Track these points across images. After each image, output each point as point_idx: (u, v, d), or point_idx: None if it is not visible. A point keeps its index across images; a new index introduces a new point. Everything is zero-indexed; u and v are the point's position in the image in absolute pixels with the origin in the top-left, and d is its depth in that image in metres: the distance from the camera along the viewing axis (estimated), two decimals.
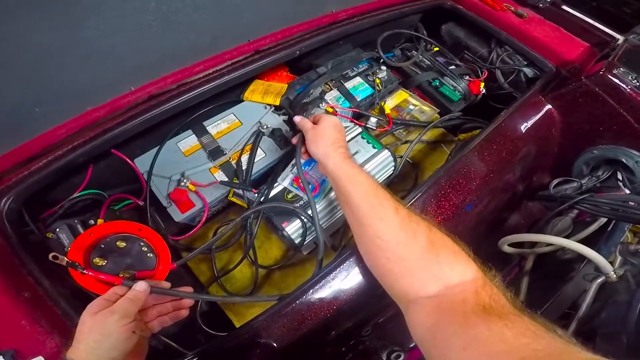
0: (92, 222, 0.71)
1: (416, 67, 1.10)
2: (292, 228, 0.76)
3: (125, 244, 0.63)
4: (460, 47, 1.22)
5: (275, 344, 0.60)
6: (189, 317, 0.77)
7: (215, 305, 0.84)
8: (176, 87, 0.72)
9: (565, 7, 1.25)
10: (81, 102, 0.66)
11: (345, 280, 0.63)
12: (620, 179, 0.89)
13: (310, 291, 0.61)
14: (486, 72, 1.11)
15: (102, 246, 0.63)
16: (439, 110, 1.06)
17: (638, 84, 0.87)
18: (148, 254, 0.64)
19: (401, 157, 0.91)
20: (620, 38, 1.09)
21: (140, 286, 0.53)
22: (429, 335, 0.42)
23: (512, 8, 1.15)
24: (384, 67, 1.01)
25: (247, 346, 0.60)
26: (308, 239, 0.78)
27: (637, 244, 0.82)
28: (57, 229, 0.68)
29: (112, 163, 0.76)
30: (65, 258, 0.56)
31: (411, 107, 1.03)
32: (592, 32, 1.12)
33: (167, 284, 0.59)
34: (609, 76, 0.86)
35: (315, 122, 0.67)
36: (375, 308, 0.70)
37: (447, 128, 1.10)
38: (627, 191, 0.87)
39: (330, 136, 0.63)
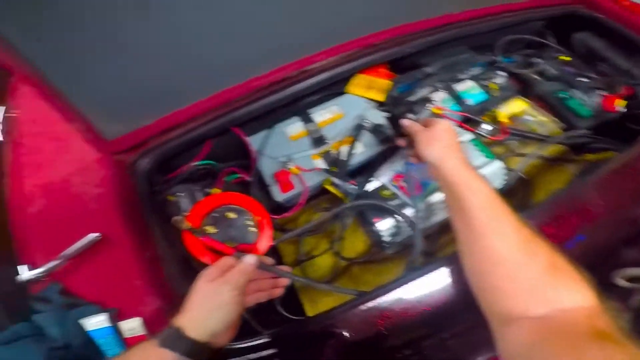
0: (207, 190, 0.79)
1: (540, 76, 0.98)
2: (384, 225, 0.74)
3: (235, 216, 0.69)
4: (595, 58, 1.06)
5: (349, 337, 0.58)
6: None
7: (291, 288, 0.85)
8: (297, 74, 0.77)
9: None
10: (219, 81, 0.74)
11: (431, 288, 0.60)
12: None
13: (396, 292, 0.59)
14: (627, 88, 0.94)
15: (215, 215, 0.69)
16: (563, 125, 0.92)
17: None
18: (251, 228, 0.68)
19: (513, 170, 0.81)
20: None
21: (251, 259, 0.54)
22: (528, 353, 0.38)
23: None
24: (502, 72, 0.93)
25: (321, 334, 0.60)
26: (398, 239, 0.74)
27: None
28: (179, 193, 0.78)
29: (227, 139, 0.85)
30: (188, 223, 0.61)
31: (529, 117, 0.92)
32: None
33: (272, 260, 0.61)
34: None
35: (426, 126, 0.65)
36: (451, 321, 0.65)
37: (571, 146, 0.95)
38: None
39: (445, 139, 0.60)
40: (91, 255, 0.63)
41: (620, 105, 0.90)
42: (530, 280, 0.43)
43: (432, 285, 0.60)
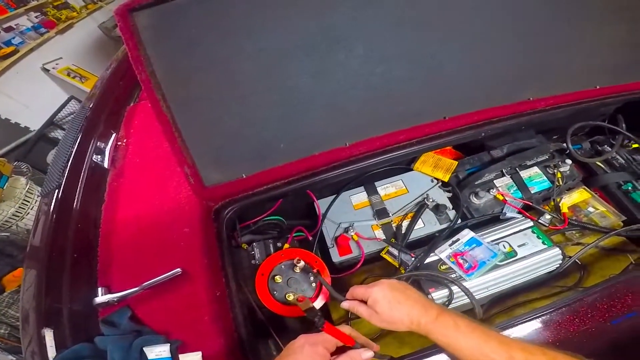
0: (279, 244, 0.88)
1: (607, 164, 0.98)
2: (438, 295, 0.79)
3: (300, 270, 0.77)
4: None
5: None
6: None
7: None
8: (381, 150, 0.83)
9: None
10: (311, 146, 0.81)
11: None
12: None
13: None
14: None
15: (283, 267, 0.78)
16: (624, 218, 0.91)
17: None
18: (312, 284, 0.77)
19: (570, 257, 0.83)
20: None
21: (367, 356, 0.54)
22: None
23: None
24: (568, 161, 0.93)
25: None
26: (450, 307, 0.78)
27: None
28: (254, 243, 0.88)
29: (297, 199, 0.93)
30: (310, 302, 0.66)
31: (591, 209, 0.92)
32: None
33: (377, 347, 0.59)
34: None
35: (365, 297, 0.61)
36: None
37: (632, 239, 0.94)
38: None
39: (399, 300, 0.57)
40: (167, 288, 0.69)
41: None
42: None
43: None
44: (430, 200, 0.87)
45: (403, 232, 0.86)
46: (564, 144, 0.95)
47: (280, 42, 0.67)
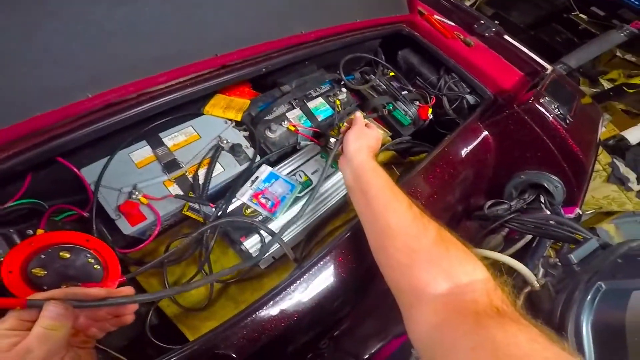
0: (30, 232, 0.66)
1: (373, 90, 1.17)
2: (251, 242, 0.78)
3: (69, 255, 0.60)
4: (414, 73, 1.32)
5: (235, 358, 0.59)
6: (138, 329, 0.75)
7: (167, 318, 0.81)
8: (136, 96, 0.69)
9: (506, 37, 1.39)
10: (29, 108, 0.61)
11: (305, 291, 0.65)
12: (543, 201, 1.02)
13: (273, 302, 0.62)
14: (434, 99, 1.21)
15: (43, 256, 0.59)
16: (391, 134, 1.13)
17: (559, 112, 1.00)
18: (95, 266, 0.62)
19: None
20: (549, 68, 1.24)
21: (54, 310, 0.40)
22: (434, 334, 0.41)
23: (462, 37, 1.27)
24: (344, 89, 1.06)
25: (207, 358, 0.58)
26: (267, 253, 0.79)
27: (555, 257, 0.95)
28: None
29: (54, 172, 0.71)
30: None
31: None
32: (527, 62, 1.25)
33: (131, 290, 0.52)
34: (536, 105, 0.98)
35: (359, 125, 0.73)
36: (333, 319, 0.72)
37: (398, 151, 1.18)
38: (548, 212, 1.01)
39: (370, 139, 0.70)
40: None
41: (429, 113, 1.17)
42: (424, 252, 0.48)
43: (306, 288, 0.65)
44: (225, 141, 0.83)
45: (202, 182, 0.79)
46: (339, 75, 1.06)
47: None
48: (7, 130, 0.61)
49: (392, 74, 1.22)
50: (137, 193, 0.72)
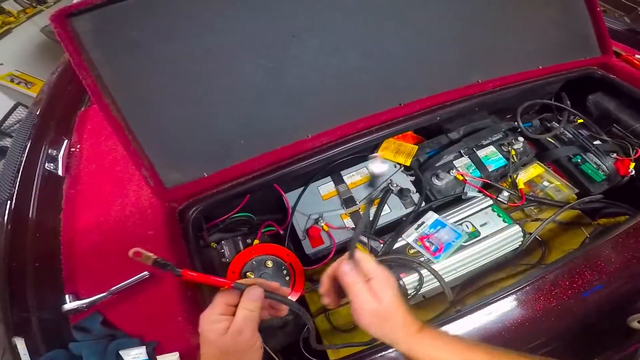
0: (248, 241, 0.88)
1: (556, 140, 1.04)
2: (409, 279, 0.81)
3: (271, 264, 0.78)
4: (609, 120, 1.11)
5: None
6: (294, 338, 0.87)
7: (318, 333, 0.92)
8: (343, 140, 0.84)
9: None
10: (272, 141, 0.81)
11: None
12: None
13: None
14: (639, 151, 0.99)
15: (254, 262, 0.79)
16: (577, 191, 0.98)
17: None
18: (286, 277, 0.78)
19: (530, 234, 0.88)
20: None
21: (255, 293, 0.45)
22: None
23: None
24: (520, 138, 0.99)
25: None
26: (421, 291, 0.81)
27: None
28: (223, 241, 0.87)
29: (266, 194, 0.92)
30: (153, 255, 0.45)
31: (546, 183, 0.98)
32: None
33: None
34: None
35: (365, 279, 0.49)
36: None
37: (585, 211, 1.00)
38: None
39: (397, 317, 0.47)
40: (136, 291, 0.68)
41: (631, 168, 0.95)
42: None
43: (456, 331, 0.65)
44: (394, 185, 0.89)
45: (371, 219, 0.87)
46: (516, 123, 1.00)
47: (228, 41, 0.67)
48: (251, 162, 0.82)
49: (580, 121, 1.06)
50: (321, 220, 0.86)
